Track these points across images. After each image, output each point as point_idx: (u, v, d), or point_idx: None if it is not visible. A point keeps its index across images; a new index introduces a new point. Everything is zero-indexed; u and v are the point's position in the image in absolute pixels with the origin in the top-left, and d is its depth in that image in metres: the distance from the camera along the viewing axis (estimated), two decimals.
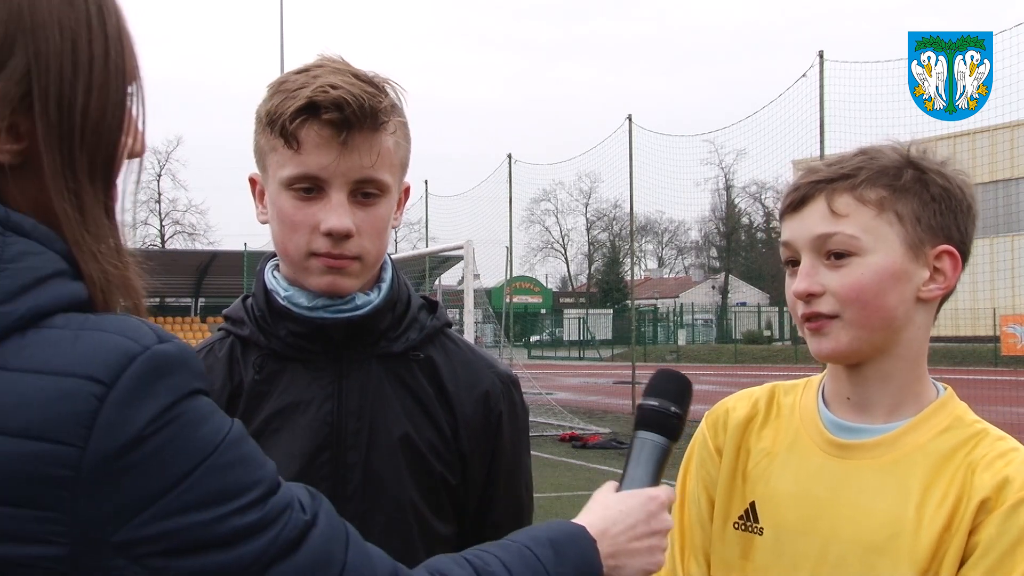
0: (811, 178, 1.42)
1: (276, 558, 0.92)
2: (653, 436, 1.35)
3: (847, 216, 1.38)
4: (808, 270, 1.40)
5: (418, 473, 1.53)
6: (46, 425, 0.83)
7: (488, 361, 1.66)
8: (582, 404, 21.49)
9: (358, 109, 1.40)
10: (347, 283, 1.48)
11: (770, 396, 1.56)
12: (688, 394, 1.40)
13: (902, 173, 1.40)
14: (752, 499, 1.49)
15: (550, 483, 11.02)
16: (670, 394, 1.38)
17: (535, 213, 70.20)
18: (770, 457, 1.50)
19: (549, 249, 75.07)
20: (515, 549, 1.14)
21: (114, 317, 0.92)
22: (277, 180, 1.47)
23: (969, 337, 35.96)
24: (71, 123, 0.93)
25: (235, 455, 0.92)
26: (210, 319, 40.92)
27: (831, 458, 1.43)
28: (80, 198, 0.94)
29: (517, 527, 1.64)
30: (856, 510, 1.39)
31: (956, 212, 1.41)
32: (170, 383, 0.88)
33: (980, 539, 1.30)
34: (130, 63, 0.99)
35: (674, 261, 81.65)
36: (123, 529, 0.85)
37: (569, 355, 53.74)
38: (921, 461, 1.38)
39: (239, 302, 1.62)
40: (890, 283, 1.38)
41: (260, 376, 1.53)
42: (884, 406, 1.43)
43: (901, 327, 1.40)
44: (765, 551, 1.46)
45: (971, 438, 1.39)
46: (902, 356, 1.42)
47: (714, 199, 64.30)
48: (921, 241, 1.39)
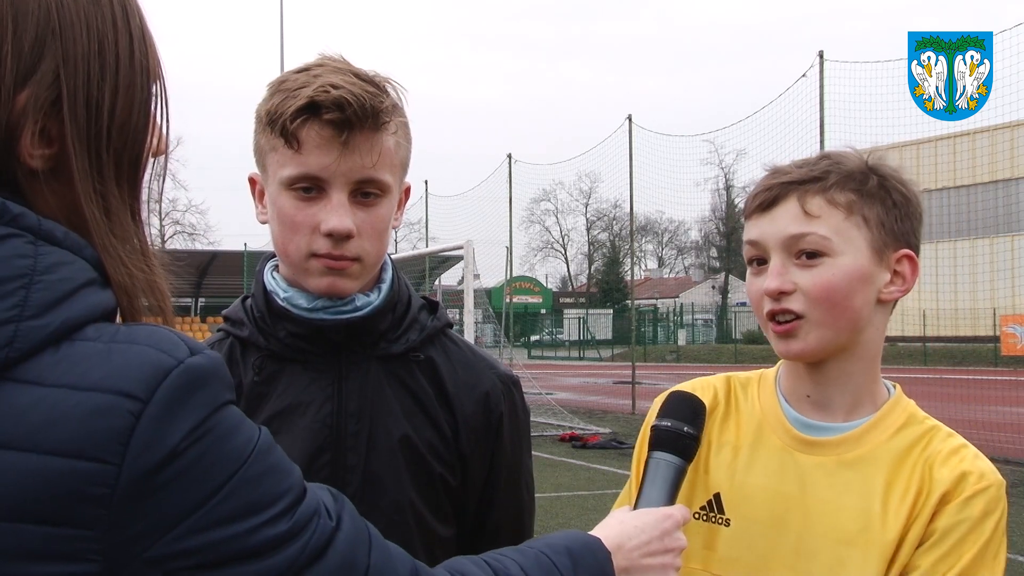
0: (781, 179, 1.46)
1: (305, 566, 0.91)
2: (668, 456, 1.38)
3: (819, 217, 1.42)
4: (779, 268, 1.43)
5: (418, 474, 1.52)
6: (82, 443, 0.82)
7: (489, 362, 1.65)
8: (582, 404, 21.47)
9: (359, 109, 1.39)
10: (347, 284, 1.48)
11: (727, 388, 1.60)
12: (701, 415, 1.44)
13: (868, 178, 1.45)
14: (717, 490, 1.53)
15: (550, 483, 11.01)
16: (683, 415, 1.42)
17: (535, 213, 70.25)
18: (735, 450, 1.54)
19: (549, 249, 75.10)
20: (532, 555, 1.15)
21: (145, 328, 0.91)
22: (277, 180, 1.46)
23: (969, 337, 35.94)
24: (99, 125, 0.93)
25: (265, 465, 0.91)
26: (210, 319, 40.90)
27: (797, 454, 1.48)
28: (107, 200, 0.94)
29: (517, 529, 1.65)
30: (826, 504, 1.44)
31: (913, 218, 1.48)
32: (204, 397, 0.88)
33: (936, 527, 1.38)
34: (154, 62, 0.99)
35: (674, 261, 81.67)
36: (157, 545, 0.84)
37: (569, 355, 53.74)
38: (883, 457, 1.44)
39: (238, 303, 1.61)
40: (857, 284, 1.43)
41: (259, 377, 1.52)
42: (843, 405, 1.48)
43: (863, 328, 1.45)
44: (732, 542, 1.50)
45: (924, 435, 1.46)
46: (861, 356, 1.47)
47: (714, 199, 64.29)
48: (885, 244, 1.44)
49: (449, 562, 1.12)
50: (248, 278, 29.32)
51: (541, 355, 51.93)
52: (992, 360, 33.35)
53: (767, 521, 1.47)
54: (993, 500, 1.38)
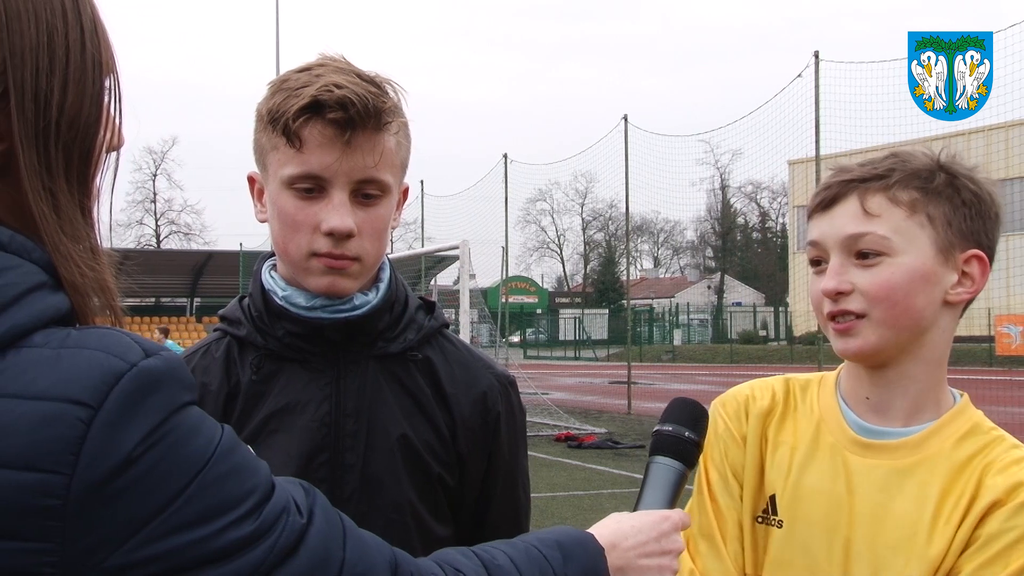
0: (843, 177, 1.42)
1: (274, 566, 0.89)
2: (668, 461, 1.36)
3: (879, 216, 1.39)
4: (838, 268, 1.40)
5: (416, 474, 1.52)
6: (30, 454, 0.80)
7: (486, 362, 1.65)
8: (578, 404, 21.48)
9: (362, 109, 1.40)
10: (347, 284, 1.48)
11: (786, 389, 1.56)
12: (704, 421, 1.41)
13: (934, 176, 1.40)
14: (772, 492, 1.50)
15: (546, 483, 11.02)
16: (684, 420, 1.39)
17: (531, 213, 70.28)
18: (791, 451, 1.50)
19: (545, 249, 75.10)
20: (523, 547, 1.13)
21: (96, 331, 0.88)
22: (278, 179, 1.46)
23: (964, 337, 35.99)
24: (47, 119, 0.89)
25: (228, 466, 0.89)
26: (206, 319, 40.83)
27: (853, 456, 1.44)
28: (56, 197, 0.90)
29: (514, 528, 1.65)
30: (876, 508, 1.40)
31: (985, 218, 1.42)
32: (159, 400, 0.85)
33: (983, 532, 1.32)
34: (107, 55, 0.96)
35: (670, 261, 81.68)
36: (116, 554, 0.82)
37: (565, 355, 53.73)
38: (941, 466, 1.39)
39: (235, 302, 1.61)
40: (920, 284, 1.38)
41: (257, 376, 1.52)
42: (903, 409, 1.44)
43: (926, 329, 1.41)
44: (782, 544, 1.47)
45: (987, 445, 1.40)
46: (924, 359, 1.42)
47: (710, 199, 64.44)
48: (951, 245, 1.40)
49: (438, 553, 1.11)
50: (244, 278, 29.28)
51: (537, 355, 51.94)
52: (987, 360, 33.40)
53: (816, 523, 1.44)
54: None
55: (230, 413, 1.51)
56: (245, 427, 1.50)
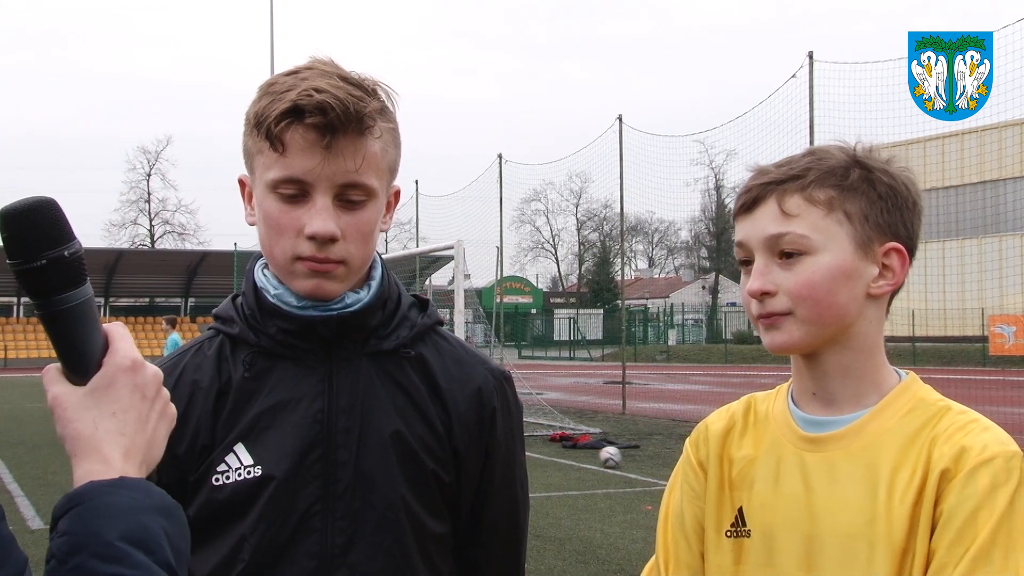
0: (762, 180, 1.46)
1: None
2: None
3: (797, 216, 1.42)
4: (762, 269, 1.44)
5: (410, 471, 1.52)
6: None
7: (480, 357, 1.65)
8: (572, 404, 21.49)
9: (342, 113, 1.40)
10: (332, 287, 1.48)
11: (747, 407, 1.59)
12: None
13: (849, 173, 1.43)
14: (739, 505, 1.52)
15: (540, 483, 11.02)
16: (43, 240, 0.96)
17: (525, 213, 70.36)
18: (751, 462, 1.52)
19: (539, 249, 75.18)
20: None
21: None
22: (263, 182, 1.46)
23: (958, 337, 36.07)
24: None
25: None
26: (200, 319, 40.74)
27: (804, 453, 1.46)
28: None
29: (512, 524, 1.65)
30: (832, 500, 1.41)
31: (902, 209, 1.45)
32: None
33: (943, 508, 1.33)
34: None
35: (664, 261, 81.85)
36: None
37: (560, 355, 53.73)
38: (888, 443, 1.40)
39: (229, 301, 1.61)
40: (841, 281, 1.41)
41: (249, 373, 1.52)
42: (847, 398, 1.46)
43: (852, 323, 1.44)
44: (754, 553, 1.48)
45: (934, 416, 1.41)
46: (856, 348, 1.45)
47: (704, 199, 64.44)
48: (869, 239, 1.42)
49: None
50: (238, 278, 29.22)
51: (531, 355, 51.94)
52: (980, 360, 33.46)
53: (780, 526, 1.45)
54: (1002, 471, 1.30)
55: (220, 410, 1.51)
56: (237, 424, 1.50)
